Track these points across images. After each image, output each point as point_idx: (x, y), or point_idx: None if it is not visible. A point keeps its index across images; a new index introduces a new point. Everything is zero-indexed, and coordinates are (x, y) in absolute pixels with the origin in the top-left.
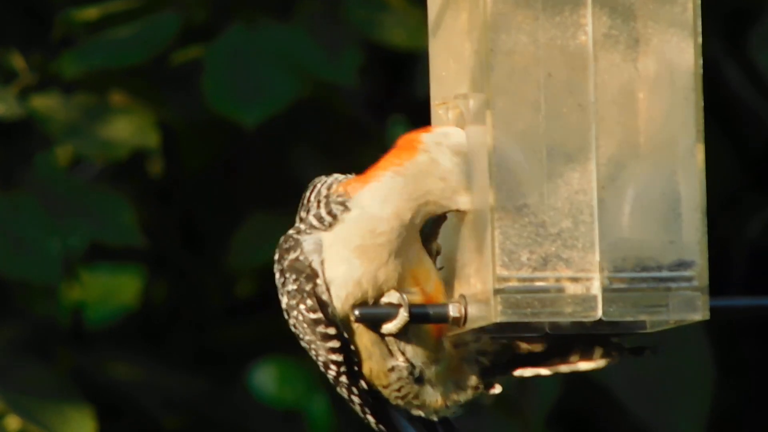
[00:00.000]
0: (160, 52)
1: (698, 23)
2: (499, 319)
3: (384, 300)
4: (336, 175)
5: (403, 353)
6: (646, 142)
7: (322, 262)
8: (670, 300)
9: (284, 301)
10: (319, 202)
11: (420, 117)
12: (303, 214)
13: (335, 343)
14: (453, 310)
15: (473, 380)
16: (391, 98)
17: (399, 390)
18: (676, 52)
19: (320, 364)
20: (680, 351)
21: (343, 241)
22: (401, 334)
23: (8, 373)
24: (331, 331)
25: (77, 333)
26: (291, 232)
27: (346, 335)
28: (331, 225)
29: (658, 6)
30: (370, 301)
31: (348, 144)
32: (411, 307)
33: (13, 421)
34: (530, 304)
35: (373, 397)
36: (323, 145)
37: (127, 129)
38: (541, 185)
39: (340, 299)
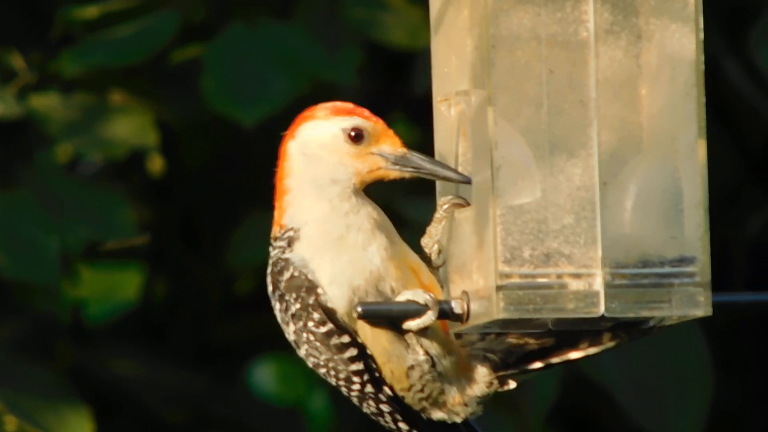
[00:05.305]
0: (160, 50)
1: (700, 19)
2: (501, 316)
3: (409, 297)
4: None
5: (421, 346)
6: (647, 138)
7: (315, 271)
8: (673, 296)
9: (291, 329)
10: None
11: (419, 114)
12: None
13: (352, 352)
14: (456, 307)
15: (486, 376)
16: (391, 97)
17: (422, 389)
18: (677, 47)
19: (342, 384)
20: (678, 351)
21: (315, 247)
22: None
23: (6, 373)
24: (345, 339)
25: (78, 330)
26: (273, 257)
27: (361, 341)
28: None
29: (659, 2)
30: (373, 297)
31: None
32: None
33: (10, 421)
34: (532, 301)
35: (399, 405)
36: None
37: (127, 128)
38: (543, 181)
39: (343, 298)
